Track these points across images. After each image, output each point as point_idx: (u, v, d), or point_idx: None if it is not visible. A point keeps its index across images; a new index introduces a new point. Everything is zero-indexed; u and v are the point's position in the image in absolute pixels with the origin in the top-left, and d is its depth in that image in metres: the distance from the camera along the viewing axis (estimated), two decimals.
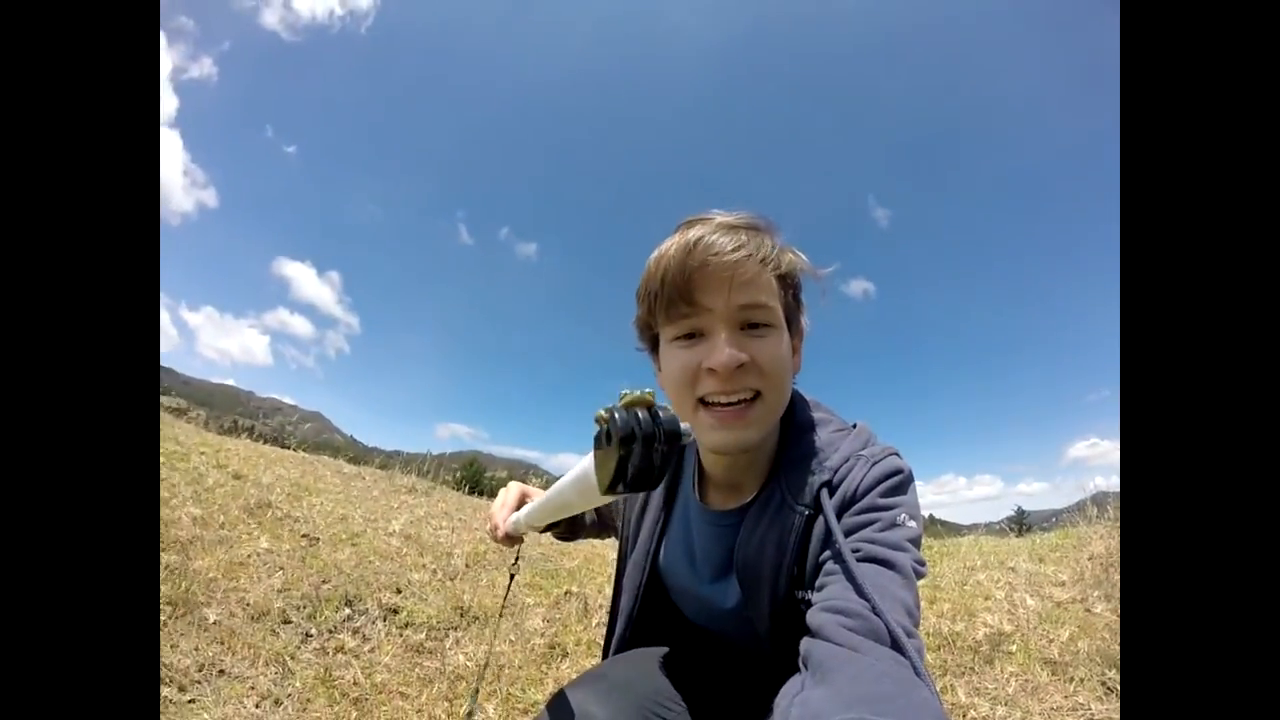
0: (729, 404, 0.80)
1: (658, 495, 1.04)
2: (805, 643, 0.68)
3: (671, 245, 0.82)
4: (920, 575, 0.74)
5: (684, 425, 0.69)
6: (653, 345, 0.92)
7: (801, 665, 0.67)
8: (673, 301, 0.81)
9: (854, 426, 0.91)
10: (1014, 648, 1.92)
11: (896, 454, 0.83)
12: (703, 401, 0.82)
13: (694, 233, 0.81)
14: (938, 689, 0.63)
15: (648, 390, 0.71)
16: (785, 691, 0.65)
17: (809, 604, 0.75)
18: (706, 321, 0.81)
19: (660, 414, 0.67)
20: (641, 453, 0.65)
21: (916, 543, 0.76)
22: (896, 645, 0.62)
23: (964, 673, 1.85)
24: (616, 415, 0.67)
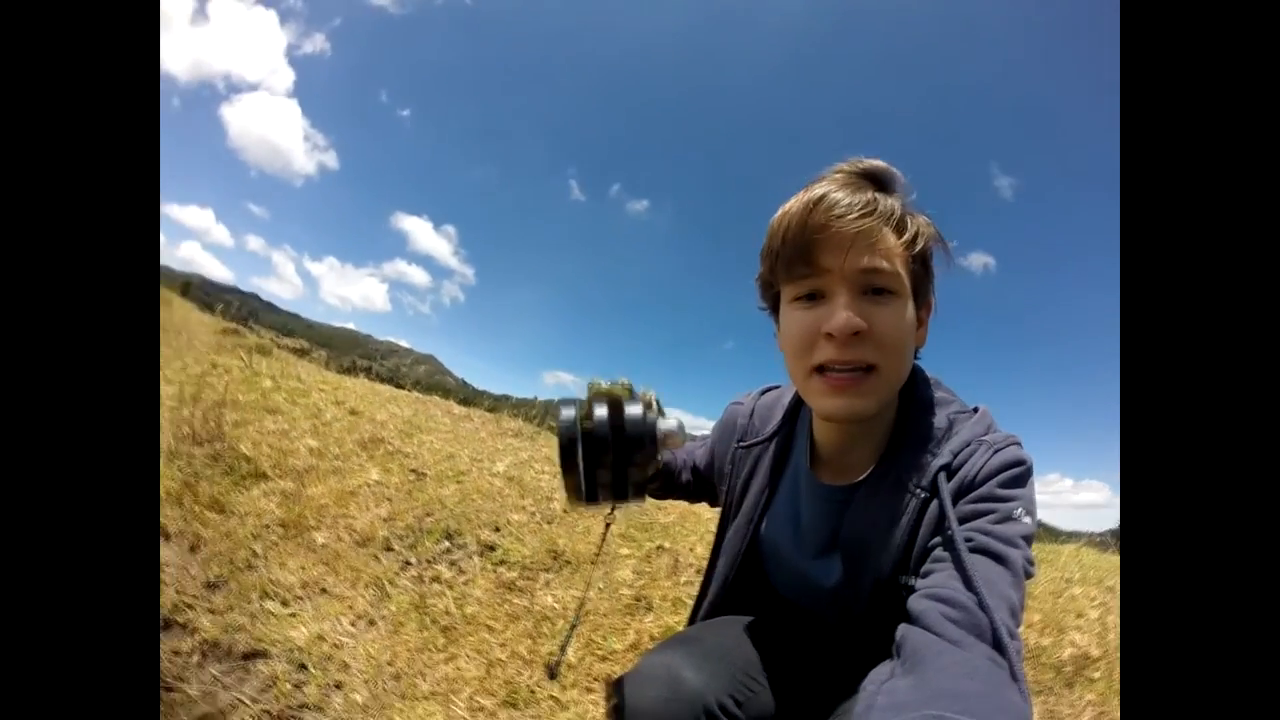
0: (843, 371, 0.77)
1: (766, 463, 0.99)
2: (902, 628, 0.66)
3: (795, 203, 0.79)
4: (1029, 575, 0.70)
5: (669, 425, 0.64)
6: (774, 304, 0.88)
7: (895, 651, 0.64)
8: (793, 262, 0.79)
9: (976, 410, 0.86)
10: (1097, 675, 1.74)
11: (1018, 443, 0.79)
12: (818, 369, 0.79)
13: (818, 189, 0.78)
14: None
15: (621, 382, 0.68)
16: (874, 676, 0.63)
17: (910, 589, 0.73)
18: (827, 283, 0.77)
19: (627, 412, 0.59)
20: (588, 459, 0.58)
21: (1029, 540, 0.73)
22: (998, 643, 0.59)
23: (1041, 692, 1.69)
24: (562, 413, 0.59)
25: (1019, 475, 0.76)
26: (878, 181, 0.80)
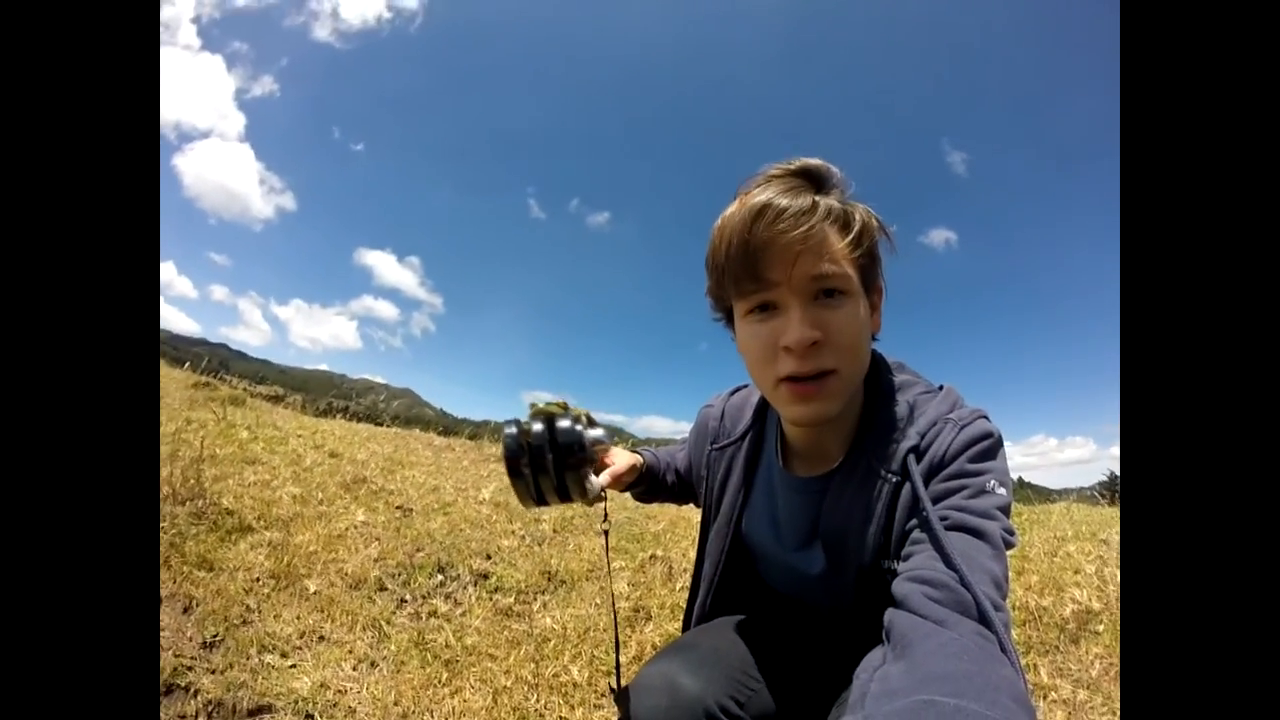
0: (805, 378, 0.78)
1: (740, 462, 1.01)
2: (889, 614, 0.66)
3: (734, 214, 0.79)
4: (1010, 545, 0.71)
5: (596, 433, 0.80)
6: (728, 315, 0.88)
7: (884, 637, 0.65)
8: (740, 277, 0.78)
9: (940, 389, 0.88)
10: (1101, 628, 1.78)
11: (985, 417, 0.80)
12: (781, 379, 0.80)
13: (756, 198, 0.77)
14: (1022, 666, 0.58)
15: (557, 401, 0.78)
16: (866, 664, 0.63)
17: (894, 574, 0.73)
18: (778, 295, 0.77)
19: (559, 425, 0.74)
20: (530, 470, 0.72)
21: (1006, 511, 0.73)
22: (984, 619, 0.60)
23: (1048, 651, 1.73)
24: (505, 430, 0.74)
25: (988, 448, 0.77)
26: (816, 180, 0.79)
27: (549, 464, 0.75)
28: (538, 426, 0.75)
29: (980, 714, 0.46)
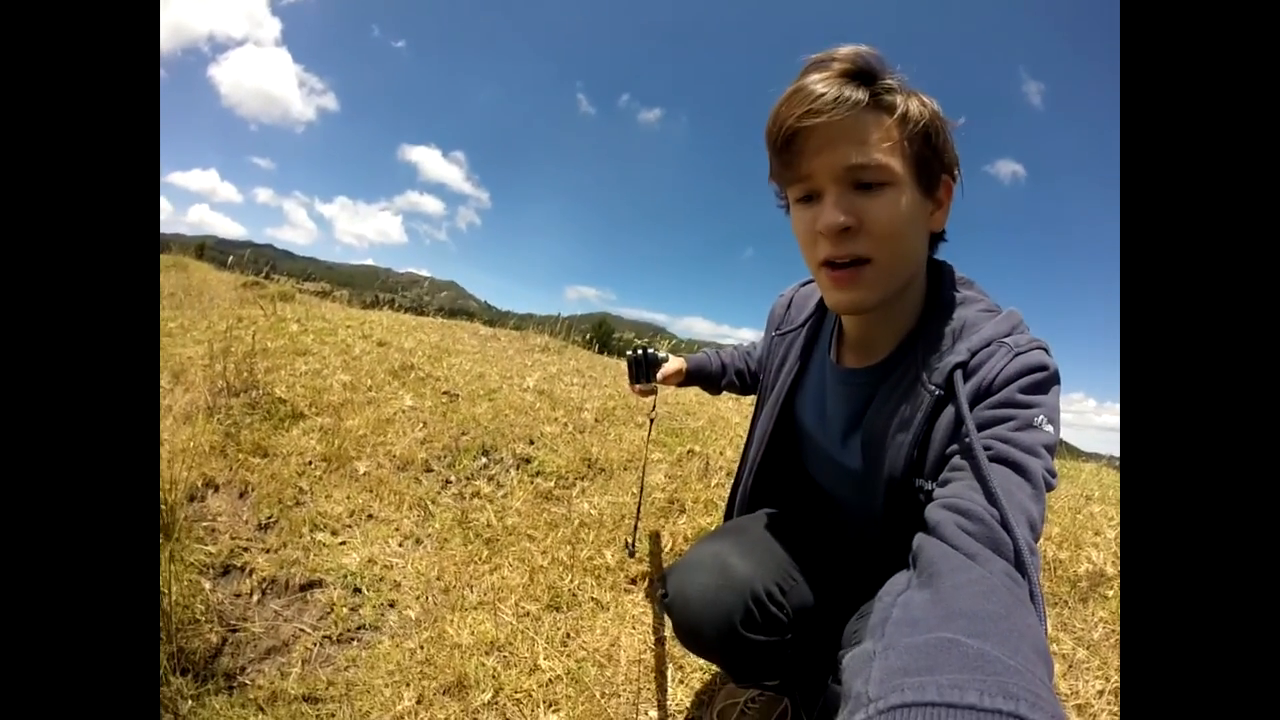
0: (840, 266, 0.79)
1: (797, 348, 1.03)
2: (919, 538, 0.64)
3: (780, 103, 0.78)
4: (1050, 487, 0.69)
5: (663, 355, 1.43)
6: (788, 202, 0.89)
7: (911, 561, 0.63)
8: (781, 168, 0.80)
9: (1003, 311, 0.85)
10: (1110, 593, 1.76)
11: (1044, 349, 0.77)
12: (823, 264, 0.81)
13: (795, 88, 0.76)
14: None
15: (644, 339, 1.17)
16: (890, 587, 0.61)
17: (927, 494, 0.73)
18: (817, 183, 0.78)
19: (648, 350, 1.42)
20: (638, 364, 1.41)
21: (1051, 450, 0.71)
22: (1019, 562, 0.57)
23: (1057, 604, 1.73)
24: (628, 354, 1.42)
25: (1041, 381, 0.73)
26: (857, 69, 0.76)
27: (644, 367, 1.42)
28: (640, 352, 1.41)
29: (1002, 661, 0.43)
